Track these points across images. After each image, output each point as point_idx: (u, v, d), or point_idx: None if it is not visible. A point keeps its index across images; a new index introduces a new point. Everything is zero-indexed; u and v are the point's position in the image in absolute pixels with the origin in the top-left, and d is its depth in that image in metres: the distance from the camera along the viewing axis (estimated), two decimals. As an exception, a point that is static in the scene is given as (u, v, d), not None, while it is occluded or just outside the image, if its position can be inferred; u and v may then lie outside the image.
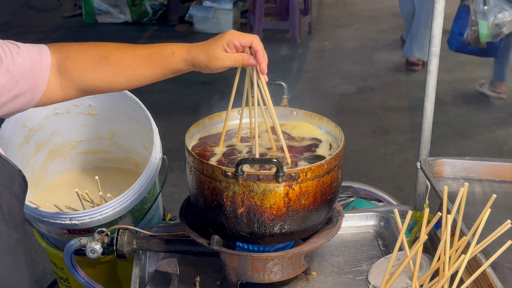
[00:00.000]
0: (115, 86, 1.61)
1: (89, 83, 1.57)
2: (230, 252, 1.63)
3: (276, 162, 1.50)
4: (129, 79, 1.59)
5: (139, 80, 1.60)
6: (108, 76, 1.57)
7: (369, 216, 2.03)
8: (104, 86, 1.60)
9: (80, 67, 1.54)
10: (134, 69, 1.57)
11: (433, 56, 2.01)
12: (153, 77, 1.60)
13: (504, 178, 1.98)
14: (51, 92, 1.55)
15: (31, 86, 1.49)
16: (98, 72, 1.56)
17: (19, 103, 1.49)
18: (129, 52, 1.57)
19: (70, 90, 1.57)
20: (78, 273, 2.01)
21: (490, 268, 1.50)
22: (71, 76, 1.55)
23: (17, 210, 1.40)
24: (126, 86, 1.63)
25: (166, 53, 1.58)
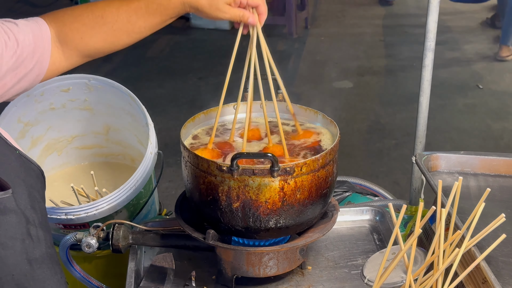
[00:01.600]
0: (117, 43, 1.59)
1: (91, 46, 1.56)
2: (225, 246, 1.63)
3: (271, 156, 1.50)
4: (130, 34, 1.58)
5: (140, 32, 1.59)
6: (108, 35, 1.55)
7: (365, 211, 2.03)
8: (107, 46, 1.59)
9: (80, 32, 1.53)
10: (132, 23, 1.55)
11: (428, 51, 2.02)
12: (153, 26, 1.60)
13: (499, 172, 1.99)
14: (56, 64, 1.54)
15: (37, 62, 1.47)
16: (98, 33, 1.54)
17: (27, 82, 1.48)
18: (124, 6, 1.55)
19: (74, 57, 1.56)
20: (74, 268, 2.01)
21: (484, 261, 1.50)
22: (73, 43, 1.53)
23: (45, 212, 1.40)
24: (128, 42, 1.61)
25: (162, 0, 1.56)
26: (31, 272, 1.29)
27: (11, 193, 1.26)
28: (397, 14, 8.44)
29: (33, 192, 1.34)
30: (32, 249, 1.30)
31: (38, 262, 1.31)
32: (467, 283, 1.60)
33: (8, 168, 1.30)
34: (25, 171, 1.34)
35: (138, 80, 5.99)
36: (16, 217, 1.27)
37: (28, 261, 1.29)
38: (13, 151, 1.34)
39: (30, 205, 1.31)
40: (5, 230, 1.25)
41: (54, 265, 1.36)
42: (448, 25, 7.76)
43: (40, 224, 1.33)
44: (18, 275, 1.26)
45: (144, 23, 1.57)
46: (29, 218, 1.30)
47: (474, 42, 7.26)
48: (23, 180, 1.32)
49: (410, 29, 7.70)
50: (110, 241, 1.77)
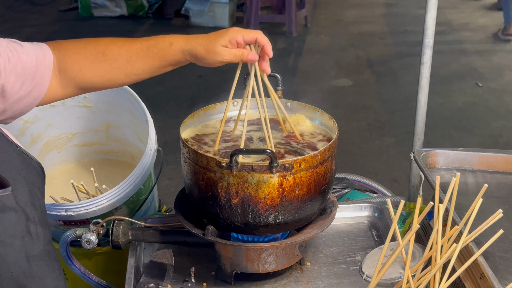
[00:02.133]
0: (114, 81, 1.61)
1: (88, 80, 1.57)
2: (224, 242, 1.64)
3: (270, 152, 1.51)
4: (128, 74, 1.59)
5: (138, 74, 1.60)
6: (107, 72, 1.57)
7: (363, 207, 2.04)
8: (104, 82, 1.60)
9: (79, 64, 1.54)
10: (132, 63, 1.57)
11: (427, 48, 2.03)
12: (151, 70, 1.60)
13: (497, 168, 2.00)
14: (52, 91, 1.54)
15: (36, 85, 1.48)
16: (97, 68, 1.55)
17: (24, 104, 1.48)
18: (126, 46, 1.57)
19: (69, 88, 1.57)
20: (74, 264, 2.02)
21: (482, 257, 1.51)
22: (71, 74, 1.55)
23: (45, 208, 1.41)
24: (125, 81, 1.63)
25: (163, 45, 1.57)
26: (29, 269, 1.30)
27: (10, 191, 1.27)
28: (397, 13, 8.45)
29: (34, 189, 1.35)
30: (31, 246, 1.31)
31: (36, 259, 1.32)
32: (464, 279, 1.61)
33: (9, 165, 1.31)
34: (26, 168, 1.35)
35: (138, 78, 5.99)
36: (15, 214, 1.28)
37: (27, 258, 1.29)
38: (14, 148, 1.35)
39: (31, 202, 1.32)
40: (4, 228, 1.25)
41: (52, 262, 1.37)
42: (447, 22, 7.77)
43: (40, 221, 1.34)
44: (17, 272, 1.27)
45: (143, 66, 1.58)
46: (29, 215, 1.31)
47: (473, 39, 7.27)
48: (24, 177, 1.33)
49: (410, 27, 7.70)
50: (110, 237, 1.78)
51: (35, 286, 1.31)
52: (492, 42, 7.12)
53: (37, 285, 1.31)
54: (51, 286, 1.35)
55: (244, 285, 1.72)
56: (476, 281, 1.57)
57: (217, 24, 7.56)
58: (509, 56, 6.74)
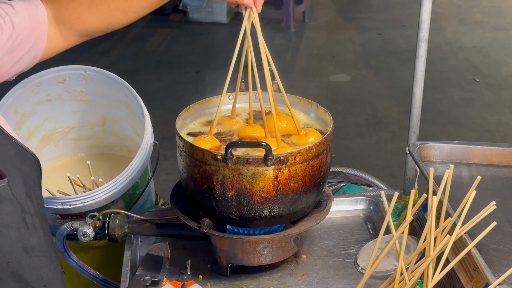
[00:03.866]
0: (114, 23, 1.58)
1: (89, 25, 1.55)
2: (220, 235, 1.65)
3: (265, 145, 1.51)
4: (127, 12, 1.56)
5: (137, 11, 1.57)
6: (105, 15, 1.54)
7: (359, 200, 2.05)
8: (104, 25, 1.57)
9: (76, 12, 1.52)
10: (129, 2, 1.54)
11: (422, 42, 2.03)
12: (151, 5, 1.57)
13: (491, 162, 2.00)
14: (53, 44, 1.53)
15: (33, 44, 1.47)
16: (95, 12, 1.53)
17: (23, 63, 1.48)
18: None
19: (71, 37, 1.55)
20: (71, 257, 2.03)
21: (475, 248, 1.52)
22: (70, 23, 1.52)
23: (42, 200, 1.42)
24: (126, 21, 1.59)
25: None
26: (27, 259, 1.30)
27: (6, 182, 1.27)
28: (395, 8, 8.44)
29: (29, 181, 1.35)
30: (28, 237, 1.31)
31: (36, 250, 1.32)
32: (458, 270, 1.62)
33: (4, 157, 1.31)
34: (21, 160, 1.36)
35: (136, 73, 6.00)
36: (11, 206, 1.28)
37: (24, 249, 1.30)
38: (9, 140, 1.35)
39: (26, 193, 1.33)
40: (0, 219, 1.26)
41: (51, 253, 1.38)
42: (445, 18, 7.77)
43: (36, 212, 1.35)
44: (13, 262, 1.28)
45: (141, 2, 1.55)
46: (25, 207, 1.31)
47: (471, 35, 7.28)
48: (18, 169, 1.33)
49: (407, 22, 7.70)
50: (106, 231, 1.79)
51: (31, 276, 1.31)
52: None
53: (34, 276, 1.32)
54: (48, 277, 1.35)
55: (240, 278, 1.73)
56: (470, 273, 1.58)
57: (215, 20, 7.56)
58: (506, 51, 6.75)
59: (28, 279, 1.31)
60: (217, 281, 1.72)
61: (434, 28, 5.40)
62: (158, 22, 7.72)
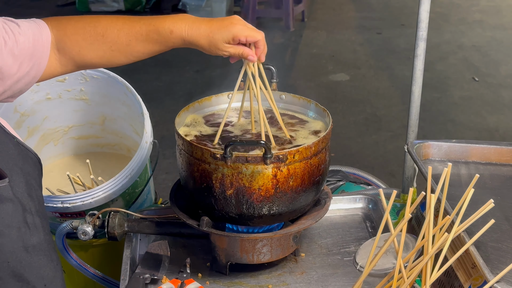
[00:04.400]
0: (113, 62, 1.61)
1: (88, 60, 1.57)
2: (219, 233, 1.65)
3: (264, 144, 1.52)
4: (127, 56, 1.59)
5: (137, 56, 1.60)
6: (106, 54, 1.57)
7: (358, 199, 2.05)
8: (103, 63, 1.60)
9: (78, 46, 1.54)
10: (131, 47, 1.57)
11: (420, 40, 2.04)
12: (151, 53, 1.61)
13: (489, 160, 2.01)
14: (51, 69, 1.54)
15: (34, 65, 1.48)
16: (96, 50, 1.55)
17: (23, 84, 1.48)
18: (126, 29, 1.56)
19: (69, 66, 1.58)
20: (70, 255, 2.03)
21: (473, 246, 1.52)
22: (70, 54, 1.54)
23: (42, 199, 1.42)
24: (124, 62, 1.63)
25: (163, 32, 1.57)
26: (27, 259, 1.31)
27: (7, 182, 1.27)
28: (395, 7, 8.45)
29: (30, 180, 1.36)
30: (29, 236, 1.32)
31: (36, 249, 1.33)
32: (456, 268, 1.62)
33: (6, 156, 1.32)
34: (22, 159, 1.36)
35: (135, 73, 5.97)
36: (12, 205, 1.28)
37: (25, 249, 1.31)
38: (11, 139, 1.35)
39: (27, 193, 1.33)
40: (1, 219, 1.27)
41: (51, 252, 1.38)
42: (444, 18, 7.78)
43: (37, 211, 1.35)
44: (14, 262, 1.28)
45: (143, 49, 1.59)
46: (26, 206, 1.31)
47: (470, 34, 7.28)
48: (20, 168, 1.34)
49: (407, 22, 7.71)
50: (106, 229, 1.79)
51: (32, 276, 1.32)
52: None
53: (34, 275, 1.32)
54: (48, 276, 1.36)
55: (239, 276, 1.74)
56: (468, 271, 1.58)
57: (214, 19, 7.55)
58: (505, 50, 6.75)
59: (29, 278, 1.31)
60: (216, 279, 1.73)
61: (434, 28, 5.40)
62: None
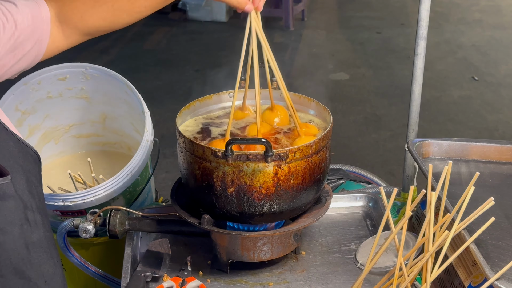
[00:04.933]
0: (117, 22, 1.57)
1: (91, 25, 1.54)
2: (220, 231, 1.66)
3: (265, 142, 1.52)
4: (130, 12, 1.56)
5: (141, 11, 1.57)
6: (109, 14, 1.53)
7: (358, 197, 2.06)
8: (107, 25, 1.57)
9: (80, 11, 1.51)
10: (132, 1, 1.54)
11: (421, 39, 2.04)
12: (154, 5, 1.57)
13: (490, 158, 2.01)
14: (55, 43, 1.52)
15: (35, 43, 1.46)
16: (98, 12, 1.52)
17: (25, 62, 1.47)
18: None
19: (74, 36, 1.55)
20: (71, 253, 2.04)
21: (474, 244, 1.53)
22: (72, 22, 1.52)
23: (43, 196, 1.42)
24: (129, 20, 1.59)
25: None
26: (28, 256, 1.31)
27: (10, 179, 1.28)
28: (394, 7, 8.46)
29: (31, 177, 1.36)
30: (30, 233, 1.32)
31: (36, 246, 1.33)
32: (457, 266, 1.63)
33: (7, 153, 1.32)
34: (23, 156, 1.36)
35: (135, 72, 6.01)
36: (14, 202, 1.29)
37: (26, 246, 1.31)
38: (11, 136, 1.35)
39: (28, 190, 1.33)
40: (4, 216, 1.27)
41: (51, 249, 1.38)
42: (444, 17, 7.79)
43: (38, 208, 1.35)
44: (16, 259, 1.29)
45: (145, 2, 1.55)
46: (27, 203, 1.32)
47: (470, 33, 7.29)
48: (21, 165, 1.34)
49: (406, 21, 7.71)
50: (107, 227, 1.79)
51: (33, 273, 1.32)
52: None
53: (35, 272, 1.33)
54: (49, 273, 1.36)
55: (240, 274, 1.74)
56: (468, 268, 1.59)
57: (214, 18, 7.57)
58: (505, 50, 6.76)
59: (30, 275, 1.32)
60: (217, 277, 1.74)
61: (433, 27, 5.42)
62: (158, 20, 7.72)
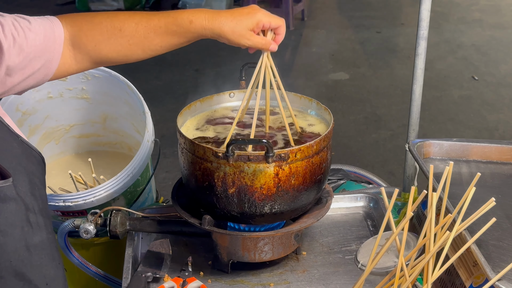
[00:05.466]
0: (130, 57, 1.57)
1: (104, 55, 1.53)
2: (221, 231, 1.66)
3: (266, 142, 1.52)
4: (145, 50, 1.55)
5: (155, 50, 1.56)
6: (123, 48, 1.53)
7: (359, 197, 2.06)
8: (120, 58, 1.56)
9: (95, 40, 1.50)
10: (150, 40, 1.53)
11: (421, 39, 2.04)
12: (170, 46, 1.57)
13: (490, 159, 2.01)
14: (65, 66, 1.51)
15: (46, 62, 1.44)
16: (113, 44, 1.52)
17: (33, 80, 1.45)
18: (144, 22, 1.52)
19: (84, 62, 1.54)
20: (72, 254, 2.04)
21: (475, 245, 1.53)
22: (86, 49, 1.51)
23: (46, 198, 1.41)
24: (142, 57, 1.59)
25: (182, 22, 1.53)
26: (29, 258, 1.31)
27: (11, 182, 1.27)
28: (394, 6, 8.46)
29: (34, 179, 1.36)
30: (31, 235, 1.31)
31: (38, 248, 1.33)
32: (458, 266, 1.63)
33: (10, 155, 1.31)
34: (26, 158, 1.36)
35: (135, 71, 5.97)
36: (15, 205, 1.28)
37: (27, 248, 1.30)
38: (15, 138, 1.35)
39: (31, 192, 1.33)
40: (5, 218, 1.26)
41: (53, 251, 1.38)
42: (444, 17, 7.79)
43: (40, 210, 1.35)
44: (16, 261, 1.28)
45: (161, 42, 1.55)
46: (29, 205, 1.31)
47: (470, 33, 7.29)
48: (24, 167, 1.33)
49: (406, 21, 7.72)
50: (108, 227, 1.79)
51: (34, 275, 1.32)
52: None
53: (36, 274, 1.32)
54: (50, 275, 1.36)
55: (241, 274, 1.74)
56: (469, 269, 1.59)
57: (214, 18, 7.56)
58: (505, 49, 6.76)
59: (31, 277, 1.31)
60: (218, 277, 1.74)
61: (433, 27, 5.42)
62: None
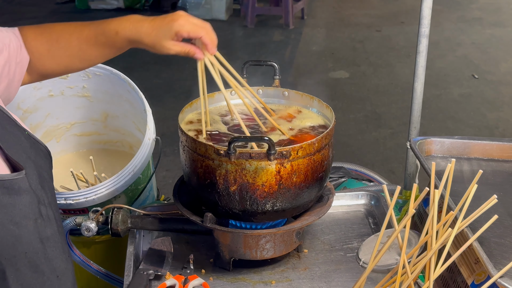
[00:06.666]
0: (70, 68, 1.62)
1: (48, 67, 1.57)
2: (223, 229, 1.66)
3: (268, 140, 1.52)
4: (82, 61, 1.60)
5: (91, 60, 1.61)
6: (62, 60, 1.57)
7: (360, 195, 2.06)
8: (61, 69, 1.61)
9: (38, 52, 1.54)
10: (83, 51, 1.56)
11: (423, 37, 2.04)
12: (105, 56, 1.60)
13: (492, 156, 2.01)
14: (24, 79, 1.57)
15: (16, 67, 1.50)
16: (53, 56, 1.55)
17: (14, 88, 1.51)
18: (77, 33, 1.55)
19: (34, 74, 1.58)
20: (74, 251, 2.04)
21: (476, 242, 1.53)
22: (33, 61, 1.55)
23: (54, 191, 1.43)
24: (82, 67, 1.64)
25: (110, 33, 1.54)
26: (43, 250, 1.32)
27: (24, 174, 1.28)
28: (394, 5, 8.46)
29: (42, 172, 1.37)
30: (44, 228, 1.33)
31: (50, 240, 1.34)
32: (460, 264, 1.63)
33: (19, 148, 1.33)
34: (34, 152, 1.38)
35: (135, 70, 6.01)
36: (29, 197, 1.30)
37: (40, 240, 1.32)
38: (22, 132, 1.37)
39: (40, 185, 1.34)
40: (19, 210, 1.27)
41: (63, 244, 1.40)
42: (444, 15, 7.79)
43: (50, 203, 1.36)
44: (31, 253, 1.30)
45: (95, 53, 1.57)
46: (40, 198, 1.33)
47: (470, 31, 7.29)
48: (33, 160, 1.35)
49: (406, 19, 7.72)
50: (109, 225, 1.79)
51: (47, 267, 1.33)
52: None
53: (48, 266, 1.34)
54: (61, 268, 1.37)
55: (242, 272, 1.74)
56: (471, 266, 1.59)
57: (213, 17, 7.55)
58: (505, 47, 6.76)
59: (44, 269, 1.33)
60: (219, 275, 1.73)
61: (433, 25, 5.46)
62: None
